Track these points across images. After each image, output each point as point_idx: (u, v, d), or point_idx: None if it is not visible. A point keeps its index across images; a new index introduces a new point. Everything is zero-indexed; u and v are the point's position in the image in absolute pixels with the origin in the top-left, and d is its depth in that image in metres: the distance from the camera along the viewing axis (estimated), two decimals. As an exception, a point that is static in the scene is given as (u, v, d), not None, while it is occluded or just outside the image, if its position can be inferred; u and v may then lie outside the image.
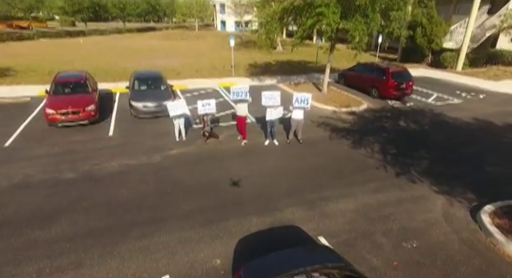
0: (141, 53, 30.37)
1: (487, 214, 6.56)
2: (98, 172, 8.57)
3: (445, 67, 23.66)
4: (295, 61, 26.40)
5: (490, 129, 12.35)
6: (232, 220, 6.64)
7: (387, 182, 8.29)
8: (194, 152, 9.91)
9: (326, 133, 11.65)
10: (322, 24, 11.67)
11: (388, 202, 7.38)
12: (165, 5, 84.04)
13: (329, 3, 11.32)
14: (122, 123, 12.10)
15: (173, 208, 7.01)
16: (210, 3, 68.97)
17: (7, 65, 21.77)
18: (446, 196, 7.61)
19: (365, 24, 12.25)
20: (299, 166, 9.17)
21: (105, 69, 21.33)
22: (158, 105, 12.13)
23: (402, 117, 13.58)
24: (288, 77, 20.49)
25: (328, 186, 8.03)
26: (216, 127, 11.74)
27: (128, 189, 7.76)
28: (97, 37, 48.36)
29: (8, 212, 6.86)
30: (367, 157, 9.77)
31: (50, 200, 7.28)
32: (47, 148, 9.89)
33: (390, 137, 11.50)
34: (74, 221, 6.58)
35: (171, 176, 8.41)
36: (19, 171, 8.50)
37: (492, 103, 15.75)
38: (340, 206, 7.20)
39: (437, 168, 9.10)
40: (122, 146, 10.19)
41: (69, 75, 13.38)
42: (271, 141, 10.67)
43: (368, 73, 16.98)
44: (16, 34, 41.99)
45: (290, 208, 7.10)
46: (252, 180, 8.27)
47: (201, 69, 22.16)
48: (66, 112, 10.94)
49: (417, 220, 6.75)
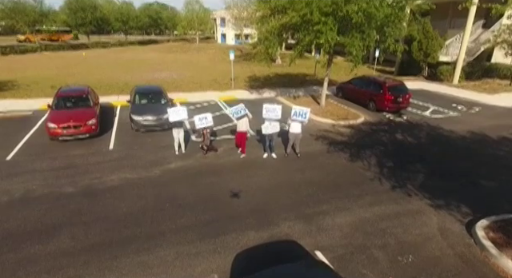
0: (142, 66, 30.83)
1: (482, 228, 6.64)
2: (97, 187, 8.67)
3: (441, 80, 24.02)
4: (294, 74, 26.80)
5: (485, 142, 12.50)
6: (230, 234, 6.71)
7: (383, 196, 8.38)
8: (193, 165, 10.04)
9: (323, 147, 11.79)
10: (319, 40, 11.97)
11: (384, 216, 7.46)
12: (166, 18, 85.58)
13: (326, 21, 11.66)
14: (122, 136, 12.27)
15: (171, 223, 7.09)
16: (210, 17, 70.31)
17: (10, 78, 22.16)
18: (441, 210, 7.69)
19: (361, 40, 12.57)
20: (297, 180, 9.27)
21: (106, 82, 21.65)
22: (158, 118, 12.33)
23: (399, 130, 13.75)
24: (287, 90, 20.79)
25: (325, 200, 8.12)
26: (215, 140, 11.89)
27: (127, 204, 7.85)
28: (99, 50, 49.13)
29: (8, 226, 6.93)
30: (364, 170, 9.89)
31: (49, 215, 7.36)
32: (48, 162, 10.02)
33: (386, 150, 11.64)
34: (74, 236, 6.66)
35: (170, 190, 8.50)
36: (20, 185, 8.61)
37: (487, 116, 15.96)
38: (337, 220, 7.28)
39: (432, 181, 9.20)
40: (122, 160, 10.32)
41: (71, 89, 13.65)
42: (270, 155, 10.81)
43: (365, 86, 17.27)
44: (20, 47, 42.62)
45: (287, 222, 7.17)
46: (250, 193, 8.37)
47: (201, 82, 22.50)
48: (68, 126, 11.11)
49: (412, 234, 6.82)
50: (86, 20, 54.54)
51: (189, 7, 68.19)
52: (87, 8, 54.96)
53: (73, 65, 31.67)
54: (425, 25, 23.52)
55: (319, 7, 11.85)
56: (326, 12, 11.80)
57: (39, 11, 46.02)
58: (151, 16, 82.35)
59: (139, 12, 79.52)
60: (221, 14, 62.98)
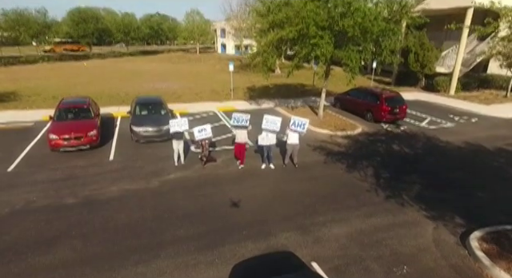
0: (143, 77, 31.20)
1: (475, 239, 6.74)
2: (97, 198, 8.78)
3: (438, 91, 24.32)
4: (293, 85, 27.14)
5: (480, 153, 12.66)
6: (227, 245, 6.81)
7: (379, 207, 8.49)
8: (192, 176, 10.17)
9: (321, 157, 11.94)
10: (315, 53, 12.27)
11: (380, 227, 7.57)
12: (167, 29, 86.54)
13: (322, 35, 11.97)
14: (122, 147, 12.43)
15: (170, 234, 7.19)
16: (210, 28, 71.32)
17: (12, 89, 22.44)
18: (436, 222, 7.80)
19: (358, 52, 12.87)
20: (294, 190, 9.40)
21: (107, 92, 21.92)
22: (158, 129, 12.52)
23: (396, 141, 13.92)
24: (285, 101, 21.04)
25: (322, 211, 8.23)
26: (214, 151, 12.05)
27: (126, 215, 7.96)
28: (100, 61, 49.65)
29: (9, 237, 7.03)
30: (361, 181, 10.02)
31: (50, 226, 7.46)
32: (49, 173, 10.15)
33: (383, 160, 11.79)
34: (73, 247, 6.75)
35: (169, 201, 8.62)
36: (21, 196, 8.72)
37: (483, 127, 16.15)
38: (333, 231, 7.38)
39: (428, 192, 9.33)
40: (122, 171, 10.46)
41: (72, 101, 13.88)
42: (268, 165, 10.95)
43: (363, 97, 17.52)
44: (21, 58, 43.15)
45: (284, 233, 7.27)
46: (248, 204, 8.49)
47: (201, 93, 22.79)
48: (69, 137, 11.29)
49: (408, 245, 6.92)
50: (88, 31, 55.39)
51: (189, 18, 69.36)
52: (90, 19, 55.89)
53: (74, 75, 32.04)
54: (421, 37, 23.96)
55: (316, 22, 12.18)
56: (323, 26, 12.13)
57: (42, 23, 46.74)
58: (152, 27, 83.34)
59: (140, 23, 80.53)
60: (221, 25, 63.89)
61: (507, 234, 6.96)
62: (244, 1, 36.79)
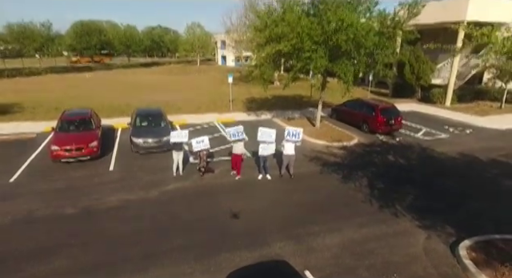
0: (144, 88, 31.71)
1: (464, 248, 6.93)
2: (97, 208, 9.00)
3: (434, 102, 24.70)
4: (291, 96, 27.57)
5: (474, 164, 12.89)
6: (223, 254, 6.98)
7: (373, 217, 8.68)
8: (190, 187, 10.39)
9: (317, 168, 12.16)
10: (309, 67, 12.68)
11: (372, 237, 7.75)
12: (168, 41, 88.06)
13: (316, 49, 12.39)
14: (122, 158, 12.68)
15: (167, 243, 7.38)
16: (211, 40, 72.56)
17: (15, 100, 22.85)
18: (427, 231, 7.98)
19: (351, 66, 13.27)
20: (290, 201, 9.61)
21: (108, 104, 22.31)
22: (157, 140, 12.80)
23: (391, 152, 14.18)
24: (283, 112, 21.40)
25: (316, 221, 8.42)
26: (212, 162, 12.29)
27: (125, 224, 8.16)
28: (102, 72, 50.43)
29: (10, 247, 7.22)
30: (355, 192, 10.23)
31: (50, 235, 7.66)
32: (50, 184, 10.39)
33: (378, 171, 12.01)
34: (72, 256, 6.94)
35: (167, 211, 8.82)
36: (23, 206, 8.94)
37: (478, 138, 16.42)
38: (326, 241, 7.56)
39: (421, 202, 9.53)
40: (122, 181, 10.68)
41: (74, 113, 14.22)
42: (264, 176, 11.18)
43: (358, 108, 17.87)
44: (25, 70, 43.85)
45: (278, 242, 7.46)
46: (244, 214, 8.68)
47: (200, 105, 23.18)
48: (70, 148, 11.57)
49: (399, 254, 7.09)
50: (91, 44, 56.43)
51: (190, 31, 70.69)
52: (92, 32, 56.99)
53: (77, 87, 32.59)
54: (415, 50, 24.49)
55: (310, 36, 12.62)
56: (317, 41, 12.56)
57: (46, 35, 47.70)
58: (154, 39, 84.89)
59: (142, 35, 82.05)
60: (221, 38, 64.98)
61: (495, 243, 7.13)
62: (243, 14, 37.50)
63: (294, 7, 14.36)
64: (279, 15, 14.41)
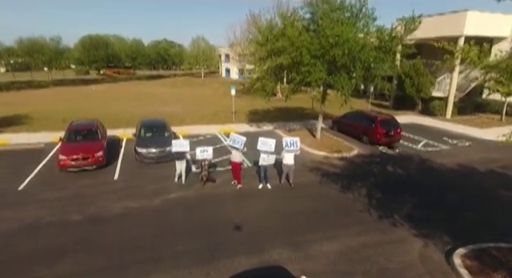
0: (149, 100, 32.38)
1: (459, 256, 7.08)
2: (102, 215, 9.28)
3: (434, 115, 24.96)
4: (293, 108, 28.02)
5: (472, 175, 13.05)
6: (222, 260, 7.20)
7: (370, 225, 8.86)
8: (192, 195, 10.67)
9: (316, 178, 12.40)
10: (308, 79, 13.11)
11: (369, 244, 7.92)
12: (173, 55, 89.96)
13: (315, 63, 12.85)
14: (126, 167, 13.03)
15: (169, 249, 7.61)
16: (215, 53, 74.00)
17: (25, 112, 23.49)
18: (424, 240, 8.13)
19: (349, 79, 13.67)
20: (289, 209, 9.82)
21: (114, 115, 22.86)
22: (161, 151, 13.15)
23: (391, 163, 14.38)
24: (285, 124, 21.77)
25: (314, 229, 8.62)
26: (214, 171, 12.58)
27: (129, 231, 8.43)
28: (109, 85, 51.52)
29: (19, 251, 7.51)
30: (354, 201, 10.42)
31: (57, 241, 7.94)
32: (57, 192, 10.72)
33: (377, 181, 12.21)
34: (78, 260, 7.19)
35: (169, 219, 9.09)
36: (31, 213, 9.25)
37: (477, 150, 16.58)
38: (324, 248, 7.74)
39: (418, 212, 9.69)
40: (126, 190, 10.99)
41: (81, 124, 14.70)
42: (265, 185, 11.42)
43: (359, 120, 18.19)
44: (34, 83, 44.95)
45: (277, 249, 7.66)
46: (244, 222, 8.89)
47: (203, 116, 23.65)
48: (77, 158, 11.95)
49: (394, 261, 7.25)
50: (98, 57, 57.91)
51: (195, 44, 72.24)
52: (100, 46, 58.56)
53: (83, 99, 33.37)
54: (415, 63, 24.95)
55: (309, 50, 13.10)
56: (316, 55, 13.03)
57: (55, 49, 49.12)
58: (159, 53, 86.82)
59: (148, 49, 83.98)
60: (225, 51, 66.29)
61: (490, 251, 7.28)
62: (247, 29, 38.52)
63: (295, 23, 14.92)
64: (280, 30, 14.96)
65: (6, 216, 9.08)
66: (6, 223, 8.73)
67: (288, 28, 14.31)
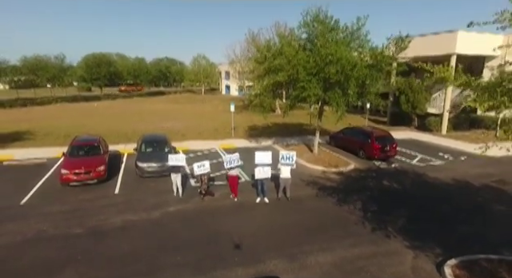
0: (150, 116, 32.92)
1: (450, 267, 7.27)
2: (103, 228, 9.50)
3: (430, 131, 25.41)
4: (291, 124, 28.50)
5: (466, 189, 13.31)
6: (220, 270, 7.39)
7: (364, 238, 9.07)
8: (191, 208, 10.90)
9: (313, 191, 12.65)
10: (303, 95, 13.66)
11: (363, 256, 8.11)
12: (175, 72, 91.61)
13: (310, 79, 13.41)
14: (127, 182, 13.30)
15: (168, 260, 7.81)
16: (215, 70, 75.49)
17: (28, 128, 23.95)
18: (416, 251, 8.33)
19: (343, 95, 14.19)
20: (286, 222, 10.04)
21: (115, 131, 23.26)
22: (161, 165, 13.45)
23: (386, 177, 14.65)
24: (283, 139, 22.15)
25: (310, 241, 8.83)
26: (213, 185, 12.84)
27: (129, 243, 8.64)
28: (110, 101, 52.30)
29: (21, 262, 7.71)
30: (349, 214, 10.64)
31: (58, 253, 8.14)
32: (59, 206, 10.96)
33: (372, 195, 12.46)
34: (79, 272, 7.38)
35: (168, 231, 9.30)
36: (33, 226, 9.47)
37: (472, 165, 16.88)
38: (319, 259, 7.94)
39: (411, 225, 9.91)
40: (126, 203, 11.23)
41: (84, 139, 15.11)
42: (262, 199, 11.66)
43: (355, 136, 18.59)
44: (37, 100, 45.69)
45: (273, 260, 7.85)
46: (241, 234, 9.11)
47: (203, 132, 24.09)
48: (79, 172, 12.25)
49: (387, 272, 7.44)
50: (101, 74, 59.10)
51: (196, 62, 73.85)
52: (103, 64, 59.87)
53: (85, 115, 33.92)
54: (410, 80, 25.64)
55: (305, 68, 13.70)
56: (311, 72, 13.61)
57: (59, 67, 50.25)
58: (161, 70, 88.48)
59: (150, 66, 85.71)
60: (225, 68, 67.67)
61: (479, 262, 7.48)
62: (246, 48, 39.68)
63: (292, 42, 15.60)
64: (278, 49, 15.62)
65: (9, 230, 9.29)
66: (8, 236, 8.94)
67: (285, 47, 14.96)
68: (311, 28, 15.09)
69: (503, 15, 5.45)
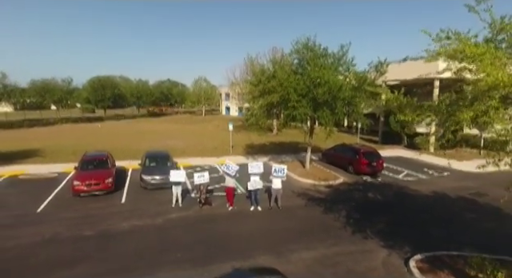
0: (152, 136, 34.37)
1: (414, 261, 8.39)
2: (111, 231, 10.63)
3: (419, 149, 26.70)
4: (287, 143, 29.90)
5: (444, 200, 14.47)
6: (215, 264, 8.48)
7: (345, 239, 10.19)
8: (190, 215, 12.05)
9: (303, 202, 13.80)
10: (294, 114, 15.18)
11: (341, 253, 9.22)
12: (176, 94, 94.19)
13: (300, 100, 14.98)
14: (132, 193, 14.50)
15: (170, 256, 8.92)
16: (216, 92, 77.97)
17: (37, 147, 25.33)
18: (389, 250, 9.43)
19: (331, 115, 15.67)
20: (276, 227, 11.18)
21: (120, 150, 24.56)
22: (163, 178, 14.66)
23: (372, 190, 15.84)
24: (279, 156, 23.43)
25: (296, 242, 9.94)
26: (211, 196, 14.00)
27: (135, 243, 9.76)
28: (113, 122, 54.03)
29: (42, 258, 8.82)
30: (334, 221, 11.77)
31: (73, 251, 9.26)
32: (71, 213, 12.12)
33: (356, 205, 13.61)
34: (92, 266, 8.49)
35: (170, 234, 10.43)
36: (49, 229, 10.61)
37: (452, 179, 18.08)
38: (302, 256, 9.05)
39: (388, 229, 11.03)
40: (132, 211, 12.39)
41: (93, 154, 16.45)
42: (256, 208, 12.82)
43: (345, 152, 19.93)
44: (43, 121, 47.39)
45: (262, 256, 8.96)
46: (235, 237, 10.25)
47: (203, 149, 25.43)
48: (90, 183, 13.49)
49: (361, 266, 8.53)
50: (106, 96, 61.29)
51: (197, 84, 76.49)
52: (107, 86, 62.23)
53: (90, 135, 35.40)
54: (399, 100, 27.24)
55: (296, 90, 15.29)
56: (301, 94, 15.19)
57: (65, 90, 52.43)
58: (163, 92, 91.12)
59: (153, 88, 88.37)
60: (225, 90, 70.07)
61: (441, 257, 8.60)
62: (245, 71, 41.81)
63: (285, 67, 17.32)
64: (271, 73, 17.30)
65: (29, 232, 10.42)
66: (29, 237, 10.06)
67: (278, 71, 16.65)
68: (301, 54, 16.84)
69: (427, 52, 6.97)
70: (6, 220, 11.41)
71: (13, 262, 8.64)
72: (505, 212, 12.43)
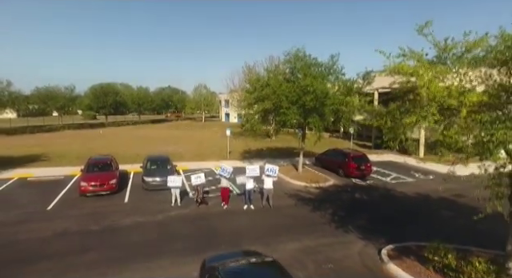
0: (152, 141, 35.50)
1: (386, 250, 9.43)
2: (115, 226, 11.68)
3: (410, 154, 27.79)
4: (283, 148, 30.99)
5: (426, 200, 15.52)
6: (210, 252, 9.35)
7: (328, 233, 11.23)
8: (188, 213, 13.10)
9: (293, 202, 14.85)
10: (285, 119, 16.35)
11: (323, 244, 10.26)
12: (176, 100, 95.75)
13: (289, 107, 16.18)
14: (134, 193, 15.56)
15: (169, 246, 9.97)
16: (216, 99, 79.44)
17: (42, 152, 26.46)
18: (366, 241, 10.47)
19: (320, 120, 16.83)
20: (266, 223, 12.22)
21: (122, 154, 25.65)
22: (164, 179, 15.69)
23: (359, 191, 16.89)
24: (274, 161, 24.41)
25: (284, 235, 10.98)
26: (207, 197, 15.06)
27: (137, 236, 10.81)
28: (115, 128, 55.27)
29: (54, 248, 9.87)
30: (320, 218, 12.81)
31: (82, 242, 10.31)
32: (78, 211, 13.18)
33: (343, 204, 14.65)
34: (100, 253, 9.53)
35: (169, 228, 11.48)
36: (59, 225, 11.65)
37: (437, 182, 18.99)
38: (287, 246, 10.08)
39: (369, 225, 12.06)
40: (134, 209, 13.44)
41: (98, 158, 17.59)
42: (249, 207, 13.86)
43: (335, 156, 21.02)
44: (46, 127, 48.62)
45: (252, 246, 9.84)
46: (229, 230, 11.29)
47: (201, 154, 26.52)
48: (95, 184, 14.57)
49: (338, 254, 9.57)
50: (107, 103, 62.61)
51: (197, 91, 78.00)
52: (109, 93, 63.60)
53: (92, 140, 36.55)
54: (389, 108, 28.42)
55: (287, 97, 16.47)
56: (292, 101, 16.39)
57: (68, 97, 53.79)
58: (163, 99, 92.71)
59: (153, 95, 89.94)
60: (225, 97, 71.51)
61: (410, 247, 9.64)
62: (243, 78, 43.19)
63: (278, 76, 18.56)
64: (265, 81, 18.53)
65: (41, 227, 11.47)
66: (41, 231, 11.11)
67: (271, 80, 17.88)
68: (293, 64, 18.08)
69: (385, 68, 8.10)
70: (19, 216, 12.46)
71: (30, 251, 9.67)
72: (479, 210, 13.42)
